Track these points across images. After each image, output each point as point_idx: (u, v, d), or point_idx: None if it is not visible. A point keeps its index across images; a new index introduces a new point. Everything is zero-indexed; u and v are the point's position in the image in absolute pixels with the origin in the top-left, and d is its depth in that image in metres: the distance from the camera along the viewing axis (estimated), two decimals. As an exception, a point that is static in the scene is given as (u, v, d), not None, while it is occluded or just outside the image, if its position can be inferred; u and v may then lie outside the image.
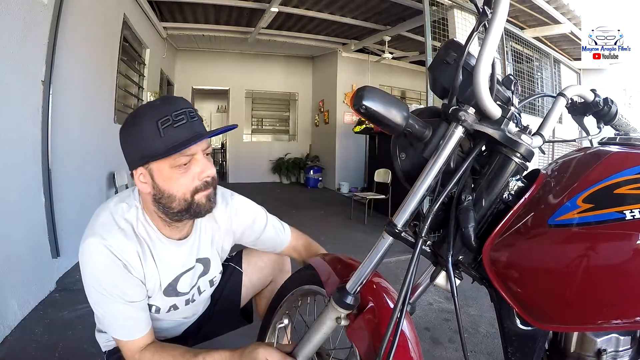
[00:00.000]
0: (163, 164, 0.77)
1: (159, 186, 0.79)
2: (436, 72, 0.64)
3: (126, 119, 0.82)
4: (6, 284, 1.81)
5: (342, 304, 0.66)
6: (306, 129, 8.33)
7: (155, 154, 0.76)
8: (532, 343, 0.59)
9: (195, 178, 0.79)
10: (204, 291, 1.01)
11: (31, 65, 2.09)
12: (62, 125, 2.40)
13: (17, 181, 1.98)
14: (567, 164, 0.60)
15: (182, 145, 0.75)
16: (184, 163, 0.77)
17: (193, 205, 0.80)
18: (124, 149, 0.82)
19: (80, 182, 2.79)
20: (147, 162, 0.78)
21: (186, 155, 0.77)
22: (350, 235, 3.95)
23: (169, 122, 0.75)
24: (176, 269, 0.91)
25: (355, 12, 5.22)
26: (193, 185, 0.79)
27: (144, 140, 0.76)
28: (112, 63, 3.56)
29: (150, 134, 0.75)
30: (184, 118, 0.77)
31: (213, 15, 5.59)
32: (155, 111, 0.77)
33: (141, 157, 0.78)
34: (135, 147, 0.79)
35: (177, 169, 0.77)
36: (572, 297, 0.52)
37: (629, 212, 0.49)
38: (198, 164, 0.79)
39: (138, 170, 0.80)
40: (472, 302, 2.18)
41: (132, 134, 0.79)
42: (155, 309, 0.92)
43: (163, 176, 0.78)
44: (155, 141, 0.75)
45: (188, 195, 0.79)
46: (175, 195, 0.79)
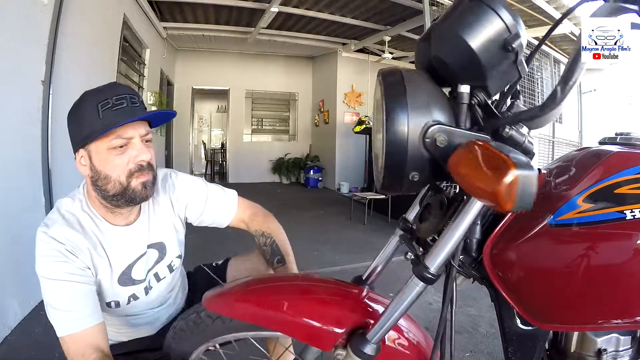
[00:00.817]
0: (100, 145, 0.79)
1: (95, 167, 0.81)
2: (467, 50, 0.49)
3: (74, 103, 0.84)
4: (6, 284, 1.81)
5: (362, 355, 0.58)
6: (306, 129, 8.33)
7: (92, 134, 0.78)
8: (533, 343, 0.59)
9: (131, 161, 0.81)
10: (163, 278, 0.99)
11: (31, 65, 2.10)
12: (62, 125, 2.40)
13: (17, 181, 1.98)
14: (568, 163, 0.60)
15: (115, 124, 0.76)
16: (120, 145, 0.79)
17: (128, 191, 0.82)
18: (69, 132, 0.84)
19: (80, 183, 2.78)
20: (86, 143, 0.80)
21: (123, 137, 0.79)
22: (350, 235, 3.95)
23: (108, 105, 0.78)
24: (128, 255, 0.91)
25: (355, 12, 5.22)
26: (127, 167, 0.81)
27: (84, 121, 0.79)
28: (112, 63, 3.56)
29: (91, 115, 0.78)
30: (124, 102, 0.79)
31: (213, 15, 5.59)
32: (98, 94, 0.80)
33: (80, 138, 0.81)
34: (77, 129, 0.81)
35: (113, 150, 0.79)
36: (572, 297, 0.52)
37: (629, 212, 0.49)
38: (134, 148, 0.81)
39: (79, 153, 0.83)
40: (472, 302, 2.18)
41: (75, 116, 0.82)
42: (115, 303, 0.91)
43: (100, 157, 0.80)
44: (94, 122, 0.78)
45: (123, 178, 0.81)
46: (110, 176, 0.81)
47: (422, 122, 0.50)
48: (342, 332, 0.61)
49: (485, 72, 0.50)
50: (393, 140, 0.50)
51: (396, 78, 0.52)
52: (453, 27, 0.50)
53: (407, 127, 0.49)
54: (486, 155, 0.41)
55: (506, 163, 0.37)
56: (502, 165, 0.38)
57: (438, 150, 0.50)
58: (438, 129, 0.50)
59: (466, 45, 0.48)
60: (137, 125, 0.81)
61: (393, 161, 0.51)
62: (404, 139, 0.50)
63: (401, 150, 0.50)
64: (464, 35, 0.48)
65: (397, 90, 0.50)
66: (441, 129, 0.50)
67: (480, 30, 0.48)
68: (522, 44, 0.49)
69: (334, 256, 3.17)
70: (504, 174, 0.37)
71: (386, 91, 0.51)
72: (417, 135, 0.50)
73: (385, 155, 0.51)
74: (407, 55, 6.73)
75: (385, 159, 0.51)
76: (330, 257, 3.13)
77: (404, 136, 0.50)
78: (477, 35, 0.48)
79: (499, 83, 0.54)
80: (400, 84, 0.51)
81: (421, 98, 0.51)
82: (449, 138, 0.50)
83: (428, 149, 0.51)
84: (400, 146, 0.50)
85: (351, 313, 0.64)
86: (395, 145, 0.50)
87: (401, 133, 0.50)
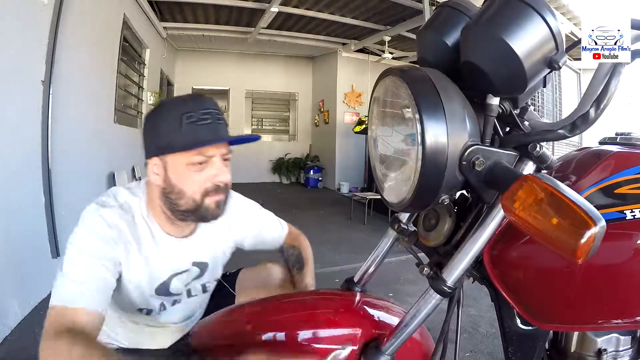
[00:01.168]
0: (179, 158, 0.76)
1: (170, 180, 0.78)
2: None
3: (153, 108, 0.81)
4: (6, 284, 1.81)
5: None
6: (306, 129, 8.33)
7: (173, 146, 0.75)
8: (533, 343, 0.59)
9: (208, 180, 0.78)
10: (194, 295, 0.97)
11: (31, 65, 2.09)
12: (62, 125, 2.40)
13: (17, 181, 1.98)
14: (568, 163, 0.60)
15: (201, 143, 0.74)
16: (200, 162, 0.76)
17: (201, 208, 0.79)
18: (144, 135, 0.81)
19: (80, 182, 2.79)
20: (163, 153, 0.77)
21: (204, 155, 0.76)
22: (350, 235, 3.95)
23: (193, 119, 0.74)
24: (172, 267, 0.89)
25: (355, 12, 5.22)
26: (204, 186, 0.78)
27: (164, 130, 0.76)
28: (112, 63, 3.56)
29: (172, 125, 0.75)
30: (209, 118, 0.76)
31: (213, 15, 5.59)
32: (183, 105, 0.77)
33: (158, 146, 0.77)
34: (154, 136, 0.78)
35: (192, 166, 0.76)
36: (572, 297, 0.52)
37: (629, 212, 0.49)
38: (214, 167, 0.78)
39: (152, 160, 0.79)
40: (472, 302, 2.18)
41: (154, 121, 0.79)
42: (147, 310, 0.90)
43: (177, 171, 0.77)
44: (174, 133, 0.75)
45: (198, 196, 0.78)
46: (185, 192, 0.78)
47: (460, 141, 0.45)
48: (356, 349, 0.59)
49: (526, 83, 0.45)
50: (431, 161, 0.43)
51: (428, 85, 0.45)
52: (497, 31, 0.43)
53: (447, 148, 0.44)
54: (558, 203, 0.37)
55: (585, 221, 0.35)
56: (581, 222, 0.35)
57: (474, 173, 0.46)
58: (476, 150, 0.45)
59: (512, 53, 0.43)
60: (219, 144, 0.78)
61: (426, 184, 0.45)
62: (443, 162, 0.44)
63: (438, 172, 0.44)
64: (510, 41, 0.43)
65: (432, 103, 0.44)
66: (479, 150, 0.45)
67: (526, 37, 0.43)
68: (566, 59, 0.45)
69: (334, 256, 3.17)
70: (583, 231, 0.35)
71: (419, 100, 0.44)
72: (456, 157, 0.45)
73: (419, 177, 0.45)
74: (407, 55, 6.73)
75: (419, 181, 0.45)
76: (331, 257, 3.13)
77: (443, 158, 0.44)
78: (523, 42, 0.43)
79: (529, 94, 0.51)
80: (434, 94, 0.44)
81: (458, 111, 0.45)
82: (485, 159, 0.45)
83: (464, 172, 0.46)
84: (437, 169, 0.44)
85: (360, 327, 0.62)
86: (432, 168, 0.44)
87: (441, 154, 0.43)
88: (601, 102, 0.43)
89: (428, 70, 0.48)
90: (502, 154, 0.48)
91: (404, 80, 0.46)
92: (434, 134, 0.43)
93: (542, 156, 0.47)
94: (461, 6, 0.55)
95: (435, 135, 0.43)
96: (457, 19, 0.55)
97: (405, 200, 0.49)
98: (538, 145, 0.47)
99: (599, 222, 0.35)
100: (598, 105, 0.43)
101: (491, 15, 0.46)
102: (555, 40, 0.44)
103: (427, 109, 0.43)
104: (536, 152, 0.47)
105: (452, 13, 0.55)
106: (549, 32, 0.44)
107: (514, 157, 0.49)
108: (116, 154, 3.59)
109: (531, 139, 0.48)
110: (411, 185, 0.47)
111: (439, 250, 0.59)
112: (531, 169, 0.49)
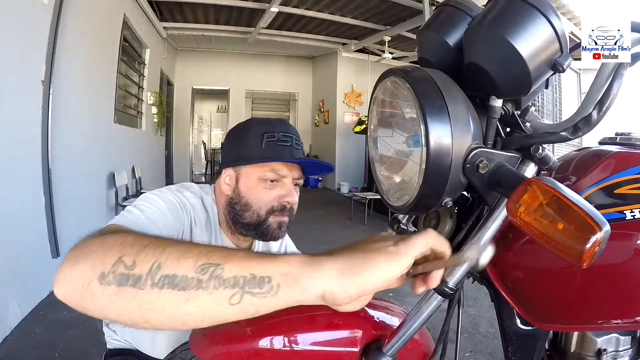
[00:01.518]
0: (253, 171, 0.79)
1: (239, 191, 0.80)
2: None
3: (238, 123, 0.86)
4: (6, 284, 1.81)
5: None
6: (306, 129, 8.33)
7: (249, 158, 0.79)
8: (533, 343, 0.59)
9: (277, 199, 0.79)
10: None
11: (31, 65, 2.10)
12: (62, 125, 2.40)
13: (17, 181, 1.98)
14: (567, 163, 0.60)
15: (276, 158, 0.77)
16: (272, 179, 0.78)
17: (263, 225, 0.80)
18: (224, 147, 0.85)
19: (80, 182, 2.79)
20: (239, 164, 0.80)
21: (277, 173, 0.78)
22: (350, 235, 3.95)
23: (273, 139, 0.79)
24: None
25: (355, 12, 5.22)
26: (271, 204, 0.79)
27: (245, 144, 0.80)
28: (112, 63, 3.56)
29: (253, 140, 0.79)
30: (288, 141, 0.80)
31: (213, 15, 5.59)
32: (267, 125, 0.81)
33: (235, 157, 0.81)
34: (235, 148, 0.82)
35: (263, 182, 0.79)
36: (572, 297, 0.52)
37: (629, 212, 0.49)
38: (284, 187, 0.80)
39: (227, 171, 0.82)
40: (472, 302, 2.18)
41: (237, 135, 0.83)
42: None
43: (248, 183, 0.80)
44: (253, 147, 0.78)
45: (263, 212, 0.79)
46: (251, 205, 0.79)
47: (464, 143, 0.44)
48: (357, 350, 0.59)
49: (530, 85, 0.45)
50: (435, 164, 0.43)
51: (432, 86, 0.44)
52: (501, 32, 0.43)
53: (452, 150, 0.43)
54: (563, 207, 0.37)
55: (591, 225, 0.35)
56: (586, 226, 0.35)
57: (478, 176, 0.45)
58: (480, 153, 0.45)
59: (516, 54, 0.43)
60: (293, 167, 0.80)
61: (430, 187, 0.44)
62: (447, 164, 0.43)
63: (442, 175, 0.44)
64: (514, 42, 0.42)
65: (436, 104, 0.43)
66: (483, 153, 0.45)
67: (531, 38, 0.43)
68: (571, 62, 0.44)
69: (334, 256, 3.17)
70: (589, 236, 0.35)
71: (423, 102, 0.43)
72: (460, 160, 0.44)
73: (423, 180, 0.44)
74: (407, 55, 6.73)
75: (422, 183, 0.44)
76: (330, 257, 3.13)
77: (447, 161, 0.43)
78: (528, 44, 0.43)
79: (531, 96, 0.50)
80: (438, 95, 0.44)
81: (462, 113, 0.44)
82: (489, 162, 0.45)
83: (467, 174, 0.45)
84: (441, 171, 0.43)
85: (361, 329, 0.61)
86: (436, 170, 0.43)
87: (445, 157, 0.43)
88: (604, 104, 0.42)
89: (431, 71, 0.47)
90: (505, 156, 0.47)
91: (406, 81, 0.46)
92: (438, 136, 0.43)
93: (545, 158, 0.47)
94: (463, 5, 0.55)
95: (440, 137, 0.43)
96: (459, 18, 0.54)
97: (408, 203, 0.48)
98: (540, 147, 0.47)
99: (604, 226, 0.35)
100: (601, 107, 0.43)
101: (495, 16, 0.45)
102: (559, 42, 0.44)
103: (431, 110, 0.43)
104: (539, 154, 0.47)
105: (454, 12, 0.55)
106: (553, 34, 0.43)
107: (516, 159, 0.49)
108: (116, 154, 3.59)
109: (533, 141, 0.47)
110: (414, 187, 0.46)
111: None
112: (533, 170, 0.48)
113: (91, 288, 0.35)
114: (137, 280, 0.35)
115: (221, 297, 0.34)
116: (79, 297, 0.36)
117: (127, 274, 0.35)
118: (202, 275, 0.34)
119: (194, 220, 0.80)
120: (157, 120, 5.51)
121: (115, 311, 0.35)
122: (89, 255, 0.38)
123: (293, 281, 0.35)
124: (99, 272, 0.36)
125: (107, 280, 0.35)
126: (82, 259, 0.38)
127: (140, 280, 0.35)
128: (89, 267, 0.36)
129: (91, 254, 0.38)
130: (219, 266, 0.35)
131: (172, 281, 0.34)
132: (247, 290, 0.34)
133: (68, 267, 0.38)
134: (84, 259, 0.38)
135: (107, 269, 0.36)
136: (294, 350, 0.58)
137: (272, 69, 7.95)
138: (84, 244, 0.40)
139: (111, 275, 0.35)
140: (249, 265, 0.35)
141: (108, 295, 0.35)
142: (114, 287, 0.35)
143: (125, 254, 0.36)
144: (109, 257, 0.36)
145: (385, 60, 6.52)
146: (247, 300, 0.34)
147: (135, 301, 0.34)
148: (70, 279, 0.37)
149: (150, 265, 0.35)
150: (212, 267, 0.35)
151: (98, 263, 0.36)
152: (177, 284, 0.34)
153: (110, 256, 0.37)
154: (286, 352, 0.58)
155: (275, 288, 0.34)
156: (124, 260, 0.36)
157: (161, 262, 0.35)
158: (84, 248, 0.39)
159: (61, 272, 0.38)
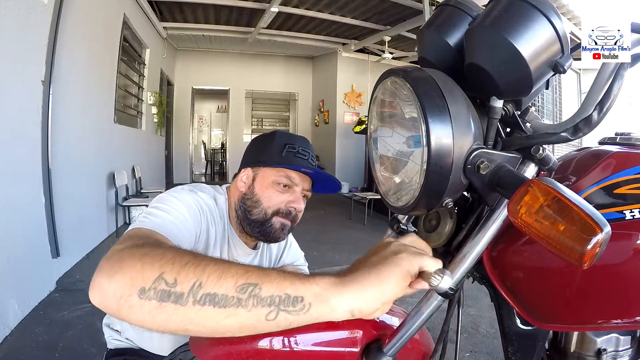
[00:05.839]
0: (269, 173, 0.87)
1: (253, 188, 0.87)
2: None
3: (264, 133, 0.95)
4: (6, 284, 1.81)
5: None
6: (306, 129, 8.33)
7: (268, 162, 0.87)
8: (533, 343, 0.59)
9: (285, 203, 0.86)
10: None
11: (31, 65, 2.10)
12: (62, 125, 2.40)
13: (17, 181, 1.98)
14: (567, 163, 0.60)
15: (292, 165, 0.86)
16: (284, 184, 0.86)
17: (267, 224, 0.86)
18: (247, 150, 0.94)
19: (80, 182, 2.79)
20: (258, 165, 0.88)
21: (290, 180, 0.86)
22: (350, 235, 3.95)
23: (293, 150, 0.88)
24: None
25: (355, 12, 5.22)
26: (279, 206, 0.86)
27: (267, 150, 0.89)
28: (112, 63, 3.56)
29: (275, 149, 0.88)
30: (306, 155, 0.89)
31: (213, 15, 5.59)
32: (289, 138, 0.90)
33: (256, 159, 0.89)
34: (257, 152, 0.91)
35: (276, 185, 0.86)
36: (572, 297, 0.52)
37: (628, 212, 0.49)
38: (294, 194, 0.87)
39: (246, 170, 0.90)
40: (472, 302, 2.18)
41: (262, 142, 0.92)
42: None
43: (263, 183, 0.87)
44: (274, 155, 0.87)
45: (270, 211, 0.86)
46: (261, 203, 0.86)
47: (465, 144, 0.44)
48: (358, 350, 0.58)
49: (532, 86, 0.45)
50: (436, 164, 0.43)
51: (433, 87, 0.44)
52: (503, 32, 0.43)
53: (453, 151, 0.43)
54: (564, 209, 0.37)
55: (592, 227, 0.35)
56: (587, 228, 0.35)
57: (479, 177, 0.45)
58: (481, 154, 0.45)
59: (518, 55, 0.43)
60: (304, 179, 0.88)
61: (431, 187, 0.44)
62: (448, 165, 0.43)
63: (443, 176, 0.44)
64: (516, 43, 0.42)
65: (437, 105, 0.43)
66: (484, 153, 0.45)
67: (533, 39, 0.43)
68: (572, 63, 0.44)
69: (334, 256, 3.17)
70: (590, 237, 0.35)
71: (424, 102, 0.43)
72: (461, 160, 0.44)
73: (424, 180, 0.44)
74: (407, 55, 6.73)
75: (424, 184, 0.44)
76: (331, 257, 3.13)
77: (448, 161, 0.43)
78: (529, 44, 0.43)
79: (532, 96, 0.50)
80: (439, 96, 0.44)
81: (463, 114, 0.44)
82: (490, 163, 0.45)
83: (468, 175, 0.45)
84: (443, 172, 0.43)
85: (361, 329, 0.60)
86: (437, 171, 0.43)
87: (446, 158, 0.43)
88: (604, 105, 0.42)
89: (431, 72, 0.47)
90: (505, 157, 0.47)
91: (407, 82, 0.45)
92: (439, 136, 0.42)
93: (545, 158, 0.47)
94: (463, 5, 0.55)
95: (441, 137, 0.43)
96: (459, 17, 0.54)
97: (408, 204, 0.48)
98: (541, 147, 0.46)
99: (604, 227, 0.35)
100: (601, 108, 0.43)
101: (496, 17, 0.45)
102: (561, 44, 0.44)
103: (432, 111, 0.43)
104: (539, 155, 0.47)
105: (454, 12, 0.55)
106: (555, 35, 0.43)
107: (517, 160, 0.49)
108: (116, 154, 3.59)
109: (534, 142, 0.47)
110: (415, 188, 0.46)
111: (440, 251, 0.58)
112: (533, 171, 0.48)
113: (130, 301, 0.37)
114: (179, 297, 0.37)
115: (259, 314, 0.37)
116: (116, 308, 0.38)
117: (169, 290, 0.37)
118: (242, 295, 0.37)
119: (210, 221, 0.85)
120: (157, 120, 5.52)
121: (156, 324, 0.38)
122: (127, 268, 0.40)
123: (323, 301, 0.39)
124: (138, 287, 0.38)
125: (147, 295, 0.37)
126: (119, 272, 0.39)
127: (182, 298, 0.37)
128: (127, 282, 0.38)
129: (129, 268, 0.40)
130: (257, 286, 0.38)
131: (213, 299, 0.37)
132: (282, 308, 0.38)
133: (104, 277, 0.40)
134: (121, 273, 0.39)
135: (147, 284, 0.38)
136: (294, 351, 0.58)
137: (272, 69, 7.95)
138: (120, 256, 0.42)
139: (152, 291, 0.37)
140: (283, 285, 0.39)
141: (148, 310, 0.37)
142: (154, 302, 0.37)
143: (165, 271, 0.39)
144: (149, 274, 0.38)
145: (385, 60, 6.52)
146: (282, 317, 0.38)
147: (177, 316, 0.37)
148: (107, 290, 0.39)
149: (192, 284, 0.37)
150: (251, 286, 0.38)
151: (138, 278, 0.38)
152: (218, 302, 0.37)
153: (151, 272, 0.39)
154: (286, 353, 0.58)
155: (307, 306, 0.38)
156: (164, 277, 0.38)
157: (202, 281, 0.38)
158: (120, 261, 0.41)
159: (97, 281, 0.40)
